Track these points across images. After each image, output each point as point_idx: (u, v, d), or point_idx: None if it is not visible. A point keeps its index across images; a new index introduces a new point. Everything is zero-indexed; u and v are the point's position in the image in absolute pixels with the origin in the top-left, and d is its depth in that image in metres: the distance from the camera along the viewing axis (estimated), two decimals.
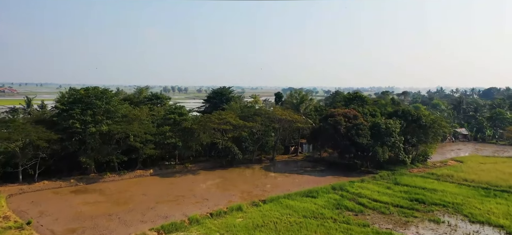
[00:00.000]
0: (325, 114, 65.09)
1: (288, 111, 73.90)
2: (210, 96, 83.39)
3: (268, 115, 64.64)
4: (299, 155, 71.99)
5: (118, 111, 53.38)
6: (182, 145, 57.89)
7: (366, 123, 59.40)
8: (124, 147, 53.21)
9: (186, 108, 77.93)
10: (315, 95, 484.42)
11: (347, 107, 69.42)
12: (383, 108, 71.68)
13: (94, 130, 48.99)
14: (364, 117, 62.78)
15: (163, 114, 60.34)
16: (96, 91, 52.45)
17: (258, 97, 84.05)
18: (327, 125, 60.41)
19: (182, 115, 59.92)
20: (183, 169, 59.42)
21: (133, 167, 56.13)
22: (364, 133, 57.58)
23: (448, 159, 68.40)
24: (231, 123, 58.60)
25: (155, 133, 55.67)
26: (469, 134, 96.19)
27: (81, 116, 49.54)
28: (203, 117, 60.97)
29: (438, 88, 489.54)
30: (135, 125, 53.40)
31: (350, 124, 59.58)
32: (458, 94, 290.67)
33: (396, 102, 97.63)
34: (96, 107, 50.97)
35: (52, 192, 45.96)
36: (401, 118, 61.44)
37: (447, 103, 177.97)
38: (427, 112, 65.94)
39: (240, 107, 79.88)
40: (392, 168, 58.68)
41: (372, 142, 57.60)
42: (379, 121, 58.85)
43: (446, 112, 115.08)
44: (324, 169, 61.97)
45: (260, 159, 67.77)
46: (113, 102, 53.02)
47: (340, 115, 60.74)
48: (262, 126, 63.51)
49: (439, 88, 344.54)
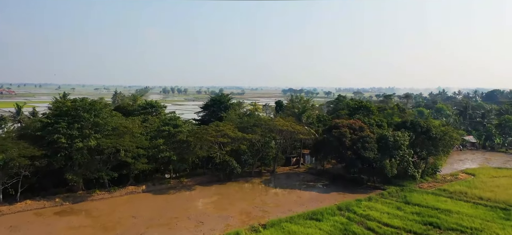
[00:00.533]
0: (329, 124, 61.53)
1: (290, 120, 70.36)
2: (208, 103, 79.86)
3: (269, 125, 61.07)
4: (301, 167, 68.42)
5: (108, 124, 49.82)
6: (177, 158, 54.32)
7: (372, 135, 55.84)
8: (114, 163, 49.69)
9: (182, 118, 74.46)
10: (315, 96, 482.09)
11: (352, 117, 65.84)
12: (389, 118, 68.12)
13: (81, 145, 45.41)
14: (370, 128, 59.21)
15: (157, 126, 56.73)
16: (84, 103, 48.88)
17: (258, 104, 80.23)
18: (331, 137, 56.83)
19: (177, 127, 56.35)
20: (178, 184, 55.83)
21: (124, 182, 52.57)
22: (370, 146, 54.01)
23: (458, 172, 64.81)
24: (229, 135, 55.05)
25: (148, 147, 52.16)
26: (477, 142, 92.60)
27: (67, 130, 45.96)
28: (200, 128, 57.39)
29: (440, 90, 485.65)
30: (126, 139, 49.84)
31: (356, 137, 56.00)
32: (461, 96, 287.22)
33: (401, 109, 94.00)
34: (84, 120, 47.40)
35: (34, 214, 42.36)
36: (409, 130, 57.88)
37: (451, 107, 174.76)
38: (437, 123, 62.37)
39: (239, 115, 76.49)
40: (400, 183, 55.10)
41: (379, 156, 54.04)
42: (387, 133, 55.29)
43: (452, 117, 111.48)
44: (328, 184, 58.42)
45: (260, 172, 64.21)
46: (102, 114, 49.45)
47: (345, 127, 57.16)
48: (262, 137, 59.94)
49: (441, 90, 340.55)
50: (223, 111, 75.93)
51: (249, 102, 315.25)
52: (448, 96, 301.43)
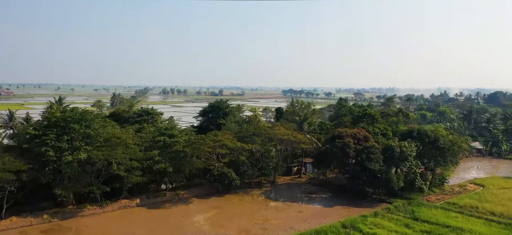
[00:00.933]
0: (331, 133, 58.98)
1: (291, 127, 67.88)
2: (206, 110, 77.29)
3: (269, 134, 58.50)
4: (302, 177, 65.83)
5: (100, 135, 47.25)
6: (173, 170, 51.75)
7: (378, 146, 53.28)
8: (106, 176, 47.14)
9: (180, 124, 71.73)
10: (315, 97, 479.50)
11: (356, 125, 63.29)
12: (394, 126, 65.55)
13: (70, 159, 42.83)
14: (375, 138, 56.65)
15: (152, 136, 54.17)
16: (74, 113, 46.28)
17: (258, 111, 77.67)
18: (334, 148, 54.28)
19: (173, 137, 53.76)
20: (174, 197, 53.27)
21: (117, 195, 50.04)
22: (376, 157, 51.45)
23: (466, 182, 62.23)
24: (228, 146, 52.48)
25: (142, 159, 49.61)
26: (484, 148, 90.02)
27: (56, 142, 43.37)
28: (197, 138, 54.82)
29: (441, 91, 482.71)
30: (119, 151, 47.25)
31: (360, 147, 53.45)
32: (463, 98, 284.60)
33: (405, 114, 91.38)
34: (74, 131, 44.81)
35: (19, 233, 39.82)
36: (416, 140, 55.32)
37: (454, 110, 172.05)
38: (444, 132, 59.79)
39: (238, 122, 74.01)
40: (407, 196, 52.59)
41: (385, 168, 51.51)
42: (393, 144, 52.74)
43: (456, 122, 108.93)
44: (331, 196, 55.89)
45: (260, 182, 61.65)
46: (94, 125, 46.87)
47: (349, 137, 54.61)
48: (262, 147, 57.40)
49: (443, 92, 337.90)
50: (222, 117, 73.43)
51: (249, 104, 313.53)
52: (450, 98, 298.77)
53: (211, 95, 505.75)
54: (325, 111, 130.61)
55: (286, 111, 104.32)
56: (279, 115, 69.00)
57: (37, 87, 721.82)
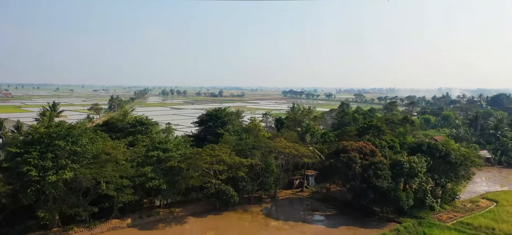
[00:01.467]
0: (335, 146, 55.66)
1: (292, 137, 64.69)
2: (204, 118, 73.95)
3: (269, 147, 55.21)
4: (305, 190, 62.52)
5: (88, 152, 43.96)
6: (168, 187, 48.48)
7: (385, 161, 49.99)
8: (94, 196, 43.85)
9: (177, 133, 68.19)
10: (316, 98, 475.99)
11: (361, 137, 59.97)
12: (401, 137, 62.19)
13: (55, 179, 39.53)
14: (381, 151, 53.36)
15: (145, 150, 50.89)
16: (59, 129, 42.92)
17: (257, 120, 74.29)
18: (339, 163, 51.00)
19: (167, 151, 50.46)
20: (168, 215, 50.01)
21: (107, 215, 46.77)
22: (384, 174, 48.16)
23: (478, 197, 58.95)
24: (226, 162, 49.16)
25: (134, 176, 46.32)
26: (492, 157, 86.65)
27: (39, 161, 40.10)
28: (193, 153, 51.51)
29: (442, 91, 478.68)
30: (109, 168, 44.00)
31: (367, 162, 50.17)
32: (465, 100, 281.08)
33: (410, 121, 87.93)
34: (59, 148, 41.54)
35: None
36: (426, 154, 52.02)
37: (458, 114, 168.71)
38: (455, 145, 56.46)
39: (237, 131, 70.72)
40: (416, 214, 49.38)
41: (393, 185, 48.21)
42: (401, 159, 49.44)
43: (462, 128, 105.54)
44: (335, 214, 52.61)
45: (260, 197, 58.40)
46: (81, 141, 43.55)
47: (355, 151, 51.32)
48: (262, 161, 54.10)
49: (444, 93, 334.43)
50: (220, 126, 70.09)
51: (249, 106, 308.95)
52: (452, 100, 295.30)
53: (211, 96, 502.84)
54: (327, 116, 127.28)
55: (287, 117, 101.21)
56: (280, 126, 65.56)
57: (36, 88, 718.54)
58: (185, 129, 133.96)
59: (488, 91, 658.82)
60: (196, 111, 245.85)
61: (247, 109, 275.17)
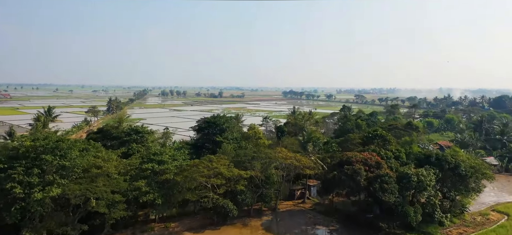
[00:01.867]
0: (339, 157, 53.16)
1: (294, 144, 62.32)
2: (202, 126, 71.49)
3: (270, 158, 52.74)
4: (306, 202, 60.03)
5: (77, 167, 41.48)
6: (163, 201, 46.00)
7: (392, 174, 47.49)
8: (84, 213, 41.39)
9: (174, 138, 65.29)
10: (316, 99, 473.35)
11: (365, 146, 57.49)
12: (407, 147, 59.70)
13: (41, 197, 37.06)
14: (387, 162, 50.89)
15: (139, 162, 48.41)
16: (46, 142, 40.41)
17: (257, 127, 71.79)
18: (343, 175, 48.50)
19: (163, 163, 47.96)
20: (164, 231, 47.52)
21: (99, 231, 44.28)
22: (390, 187, 45.66)
23: (488, 209, 56.52)
24: (224, 175, 46.67)
25: (127, 190, 43.88)
26: (499, 164, 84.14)
27: (24, 176, 37.64)
28: (189, 165, 49.03)
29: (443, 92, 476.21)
30: (100, 183, 41.56)
31: (372, 175, 47.70)
32: (467, 102, 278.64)
33: (414, 127, 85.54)
34: (47, 163, 39.08)
35: None
36: (435, 166, 49.52)
37: (461, 117, 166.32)
38: (465, 156, 54.07)
39: (236, 139, 68.34)
40: (424, 229, 46.99)
41: (400, 200, 45.71)
42: (409, 171, 46.93)
43: (467, 133, 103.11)
44: (339, 228, 50.03)
45: (259, 210, 55.84)
46: (70, 155, 41.08)
47: (359, 162, 48.83)
48: (262, 172, 51.64)
49: (446, 95, 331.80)
50: (219, 134, 67.68)
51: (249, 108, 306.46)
52: (454, 101, 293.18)
53: (211, 97, 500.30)
54: (328, 120, 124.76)
55: (288, 121, 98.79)
56: (280, 134, 63.07)
57: (35, 89, 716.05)
58: (184, 133, 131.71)
59: (488, 91, 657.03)
60: (195, 113, 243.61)
61: (247, 110, 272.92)
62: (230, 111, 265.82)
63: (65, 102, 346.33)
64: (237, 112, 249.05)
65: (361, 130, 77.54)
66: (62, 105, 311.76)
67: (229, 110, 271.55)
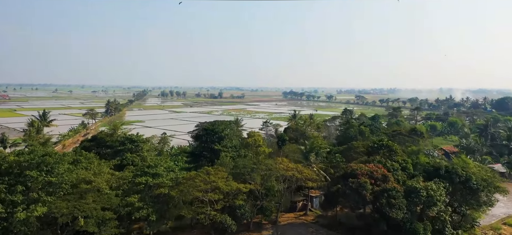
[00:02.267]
0: (343, 170, 50.59)
1: (296, 153, 59.79)
2: (200, 133, 68.97)
3: (270, 169, 50.17)
4: (308, 214, 57.51)
5: (65, 183, 38.91)
6: (157, 217, 43.44)
7: (399, 188, 44.92)
8: (72, 233, 38.86)
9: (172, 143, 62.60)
10: (317, 100, 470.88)
11: (370, 157, 54.92)
12: (414, 157, 57.11)
13: (24, 216, 34.51)
14: (394, 174, 48.34)
15: (132, 175, 45.86)
16: (32, 157, 37.85)
17: (258, 134, 69.12)
18: (348, 189, 45.96)
19: (157, 177, 45.37)
20: None
21: None
22: (398, 202, 43.12)
23: (499, 222, 54.04)
24: (222, 189, 44.11)
25: (119, 205, 41.36)
26: (507, 171, 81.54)
27: (7, 195, 35.13)
28: (185, 178, 46.45)
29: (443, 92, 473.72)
30: (89, 199, 39.02)
31: (378, 188, 45.14)
32: (469, 103, 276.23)
33: (419, 133, 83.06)
34: (31, 179, 36.55)
35: None
36: (444, 179, 46.96)
37: (464, 120, 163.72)
38: (476, 168, 51.51)
39: (235, 147, 65.80)
40: None
41: (409, 215, 43.20)
42: (417, 186, 44.38)
43: (472, 139, 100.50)
44: None
45: (259, 223, 53.29)
46: (57, 170, 38.52)
47: (365, 175, 46.26)
48: (262, 185, 49.10)
49: (448, 96, 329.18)
50: (217, 142, 65.11)
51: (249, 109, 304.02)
52: (456, 103, 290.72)
53: (211, 98, 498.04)
54: (330, 124, 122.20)
55: (289, 127, 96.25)
56: (281, 143, 60.50)
57: (34, 89, 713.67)
58: (183, 137, 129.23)
59: (488, 91, 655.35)
60: (195, 115, 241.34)
61: (246, 112, 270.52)
62: (229, 112, 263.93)
63: (63, 104, 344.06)
64: (236, 114, 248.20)
65: (365, 137, 75.01)
66: (61, 106, 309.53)
67: (228, 112, 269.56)
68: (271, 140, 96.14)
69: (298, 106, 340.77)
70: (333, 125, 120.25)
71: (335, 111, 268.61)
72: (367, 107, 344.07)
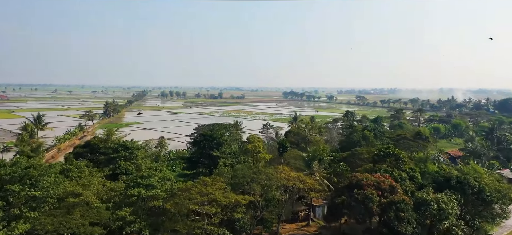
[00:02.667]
0: (347, 179, 47.88)
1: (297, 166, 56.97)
2: (198, 139, 66.33)
3: (271, 179, 47.46)
4: (311, 225, 54.83)
5: (50, 197, 36.25)
6: (150, 232, 40.75)
7: (408, 200, 42.23)
8: None
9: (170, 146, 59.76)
10: (317, 100, 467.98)
11: (375, 165, 52.22)
12: (422, 165, 54.38)
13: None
14: (402, 185, 45.65)
15: (125, 186, 43.18)
16: (14, 169, 35.19)
17: (258, 139, 66.33)
18: (353, 201, 43.26)
19: (151, 188, 42.66)
20: None
21: None
22: (407, 216, 40.45)
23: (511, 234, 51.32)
24: (219, 202, 41.42)
25: (110, 219, 38.71)
26: None
27: None
28: (181, 190, 43.76)
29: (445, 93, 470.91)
30: (77, 214, 36.36)
31: (386, 201, 42.44)
32: (471, 104, 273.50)
33: (423, 137, 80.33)
34: (13, 194, 33.88)
35: None
36: (456, 190, 44.25)
37: (468, 121, 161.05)
38: (489, 178, 48.78)
39: (234, 153, 63.22)
40: None
41: (419, 230, 40.53)
42: (427, 198, 41.69)
43: (478, 142, 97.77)
44: None
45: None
46: (42, 183, 35.85)
47: (371, 186, 43.54)
48: (262, 197, 46.42)
49: (450, 97, 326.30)
50: (215, 148, 62.51)
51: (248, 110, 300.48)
52: (458, 104, 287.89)
53: (211, 98, 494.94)
54: (331, 126, 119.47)
55: (290, 131, 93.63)
56: (283, 150, 57.74)
57: (34, 89, 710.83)
58: (181, 139, 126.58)
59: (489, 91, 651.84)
60: (194, 116, 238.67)
61: (246, 113, 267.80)
62: (229, 113, 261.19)
63: (62, 104, 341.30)
64: (236, 115, 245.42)
65: (369, 142, 72.30)
66: (59, 107, 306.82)
67: (228, 113, 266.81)
68: (272, 143, 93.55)
69: (299, 107, 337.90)
70: (335, 127, 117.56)
71: (336, 112, 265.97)
72: (368, 108, 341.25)
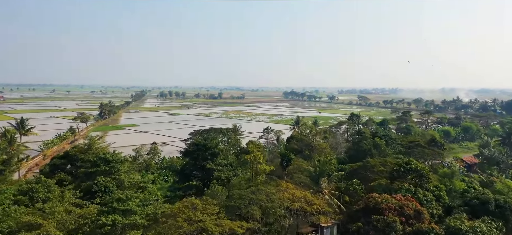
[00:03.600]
0: (363, 200, 40.80)
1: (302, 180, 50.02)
2: (191, 149, 59.27)
3: (273, 201, 40.43)
4: None
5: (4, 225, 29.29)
6: None
7: (438, 229, 35.17)
8: None
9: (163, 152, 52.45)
10: (318, 101, 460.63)
11: (393, 182, 45.08)
12: (448, 181, 47.26)
13: None
14: (428, 207, 38.60)
15: (97, 211, 36.12)
16: None
17: (258, 147, 59.01)
18: (371, 228, 36.22)
19: (129, 214, 35.57)
20: None
21: None
22: None
23: None
24: (211, 232, 34.36)
25: None
26: None
27: None
28: (165, 216, 36.74)
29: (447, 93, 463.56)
30: None
31: (411, 229, 35.41)
32: (478, 105, 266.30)
33: (439, 144, 73.26)
34: None
35: None
36: (495, 216, 37.19)
37: (478, 123, 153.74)
38: None
39: (231, 165, 56.23)
40: None
41: None
42: (462, 227, 34.62)
43: (496, 149, 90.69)
44: None
45: None
46: None
47: (392, 211, 36.53)
48: (262, 222, 39.43)
49: (456, 97, 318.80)
50: (210, 159, 55.52)
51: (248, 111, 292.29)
52: (463, 104, 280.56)
53: (210, 98, 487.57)
54: (336, 130, 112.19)
55: (293, 136, 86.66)
56: (286, 163, 50.74)
57: (32, 89, 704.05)
58: (177, 144, 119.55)
59: (491, 91, 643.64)
60: (193, 117, 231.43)
61: (246, 114, 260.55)
62: (229, 114, 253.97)
63: (59, 105, 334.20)
64: (236, 116, 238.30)
65: (380, 151, 65.16)
66: (55, 108, 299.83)
67: (228, 114, 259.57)
68: (273, 149, 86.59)
69: (300, 108, 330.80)
70: (340, 131, 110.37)
71: (338, 113, 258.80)
72: (370, 108, 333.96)
